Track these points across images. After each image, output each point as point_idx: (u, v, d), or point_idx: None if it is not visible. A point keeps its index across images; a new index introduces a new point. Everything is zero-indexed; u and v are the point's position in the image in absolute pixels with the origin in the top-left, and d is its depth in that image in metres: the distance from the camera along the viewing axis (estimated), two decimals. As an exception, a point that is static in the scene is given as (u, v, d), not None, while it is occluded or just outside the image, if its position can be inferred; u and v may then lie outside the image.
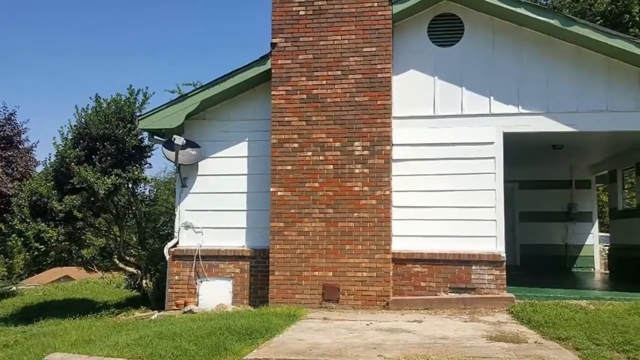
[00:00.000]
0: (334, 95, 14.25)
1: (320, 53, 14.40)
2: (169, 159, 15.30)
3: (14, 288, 35.91)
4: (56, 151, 18.55)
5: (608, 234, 23.39)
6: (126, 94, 18.85)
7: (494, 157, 14.09)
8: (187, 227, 15.39)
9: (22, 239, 18.91)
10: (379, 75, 14.13)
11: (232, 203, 15.20)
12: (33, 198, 18.45)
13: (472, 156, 14.18)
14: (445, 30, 14.61)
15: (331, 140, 14.19)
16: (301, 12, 14.53)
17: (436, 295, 13.87)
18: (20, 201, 19.04)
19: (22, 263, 38.10)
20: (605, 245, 24.23)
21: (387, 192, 13.97)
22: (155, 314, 14.88)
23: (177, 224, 15.53)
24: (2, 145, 31.82)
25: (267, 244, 14.47)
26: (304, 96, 14.37)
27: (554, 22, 13.70)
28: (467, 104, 14.35)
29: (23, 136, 33.40)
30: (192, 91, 15.52)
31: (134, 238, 21.14)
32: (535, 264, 21.84)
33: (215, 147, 15.43)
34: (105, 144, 17.52)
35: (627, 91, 13.95)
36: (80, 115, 18.59)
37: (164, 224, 21.34)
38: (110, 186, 17.22)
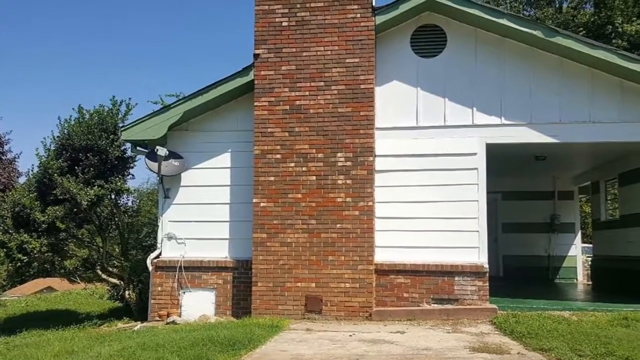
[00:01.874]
0: (317, 107, 14.25)
1: (303, 64, 14.41)
2: (151, 170, 15.27)
3: (-4, 299, 35.74)
4: (39, 162, 18.46)
5: (591, 245, 23.48)
6: (109, 105, 18.82)
7: (476, 168, 14.12)
8: (169, 238, 15.33)
9: (4, 250, 18.79)
10: (362, 86, 14.15)
11: (215, 214, 15.14)
12: (16, 209, 18.33)
13: (455, 167, 14.20)
14: (428, 42, 14.64)
15: (314, 151, 14.19)
16: (284, 23, 14.54)
17: (419, 306, 13.88)
18: (3, 212, 18.92)
19: (4, 274, 37.81)
20: (588, 256, 24.31)
21: (370, 203, 13.97)
22: (138, 325, 14.83)
23: (160, 235, 15.47)
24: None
25: (250, 255, 14.44)
26: (287, 107, 14.37)
27: (537, 33, 13.76)
28: (450, 115, 14.38)
29: (6, 147, 33.44)
30: (175, 102, 15.49)
31: (116, 249, 21.10)
32: (518, 274, 21.94)
33: (198, 158, 15.39)
34: (88, 155, 17.46)
35: (610, 102, 14.01)
36: (63, 127, 18.50)
37: (146, 235, 21.28)
38: (93, 197, 17.16)
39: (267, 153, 14.38)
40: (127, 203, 21.45)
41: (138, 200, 24.54)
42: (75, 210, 17.90)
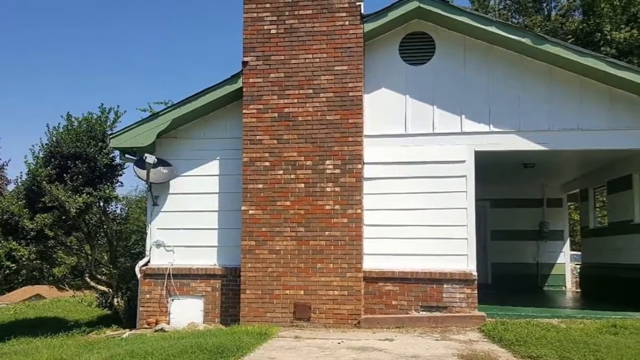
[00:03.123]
0: (305, 114, 14.24)
1: (292, 71, 14.40)
2: (140, 178, 15.24)
3: (-16, 307, 35.62)
4: (27, 170, 18.40)
5: (579, 253, 23.50)
6: (98, 113, 18.78)
7: (465, 176, 14.12)
8: (158, 245, 15.29)
9: (-8, 257, 18.73)
10: (351, 94, 14.14)
11: (203, 221, 15.10)
12: (4, 216, 18.27)
13: (443, 174, 14.20)
14: (417, 49, 14.65)
15: (302, 158, 14.17)
16: (272, 31, 14.53)
17: (408, 313, 13.86)
18: (-9, 220, 18.86)
19: (-8, 282, 37.79)
20: (576, 264, 24.36)
21: (359, 211, 13.95)
22: (127, 333, 14.77)
23: (149, 242, 15.41)
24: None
25: (238, 262, 14.41)
26: (276, 114, 14.36)
27: (526, 40, 13.78)
28: (438, 122, 14.38)
29: (-6, 154, 33.21)
30: (164, 110, 15.40)
31: (105, 256, 21.00)
32: (507, 282, 21.91)
33: (186, 166, 15.35)
34: (77, 162, 17.41)
35: (599, 110, 14.04)
36: (52, 134, 18.46)
37: (135, 242, 21.22)
38: (82, 205, 17.11)
39: (255, 160, 14.36)
40: (115, 210, 21.45)
41: (127, 208, 24.53)
42: (63, 217, 17.84)
